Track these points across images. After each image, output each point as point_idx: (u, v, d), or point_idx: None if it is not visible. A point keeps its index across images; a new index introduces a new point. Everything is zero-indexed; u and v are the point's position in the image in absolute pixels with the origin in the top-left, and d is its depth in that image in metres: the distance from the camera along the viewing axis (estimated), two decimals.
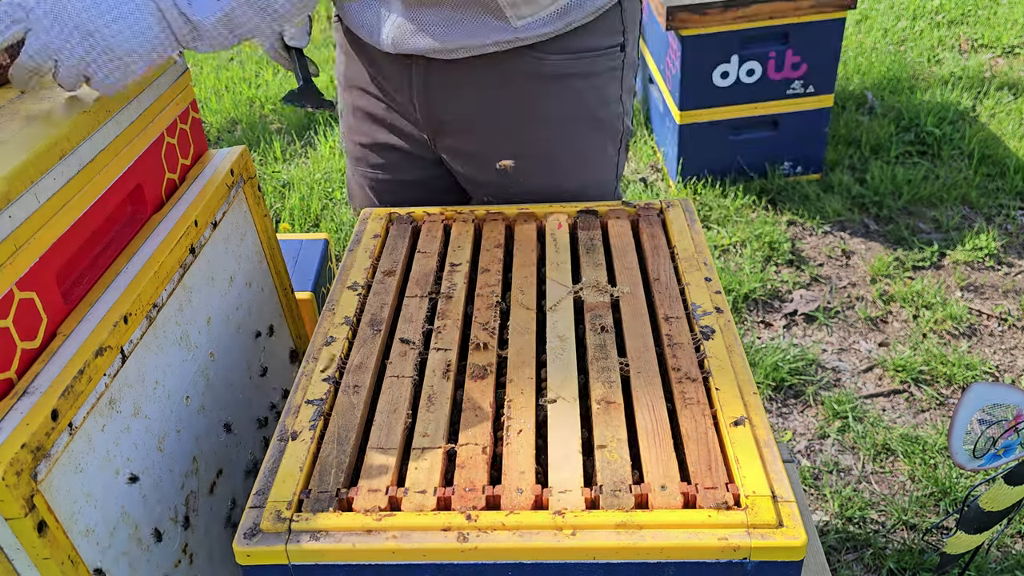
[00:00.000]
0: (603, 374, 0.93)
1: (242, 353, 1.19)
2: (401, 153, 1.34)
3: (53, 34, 0.89)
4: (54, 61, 0.91)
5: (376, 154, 1.36)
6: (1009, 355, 2.32)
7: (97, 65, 0.91)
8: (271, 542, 0.76)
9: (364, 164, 1.38)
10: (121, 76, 0.93)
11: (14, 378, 0.80)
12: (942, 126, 3.26)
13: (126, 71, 0.92)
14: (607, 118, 1.26)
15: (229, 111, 3.75)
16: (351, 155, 1.41)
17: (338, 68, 1.38)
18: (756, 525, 0.75)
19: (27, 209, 0.82)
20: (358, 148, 1.38)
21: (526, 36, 1.14)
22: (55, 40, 0.89)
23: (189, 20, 0.93)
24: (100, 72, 0.91)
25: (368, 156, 1.37)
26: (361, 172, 1.40)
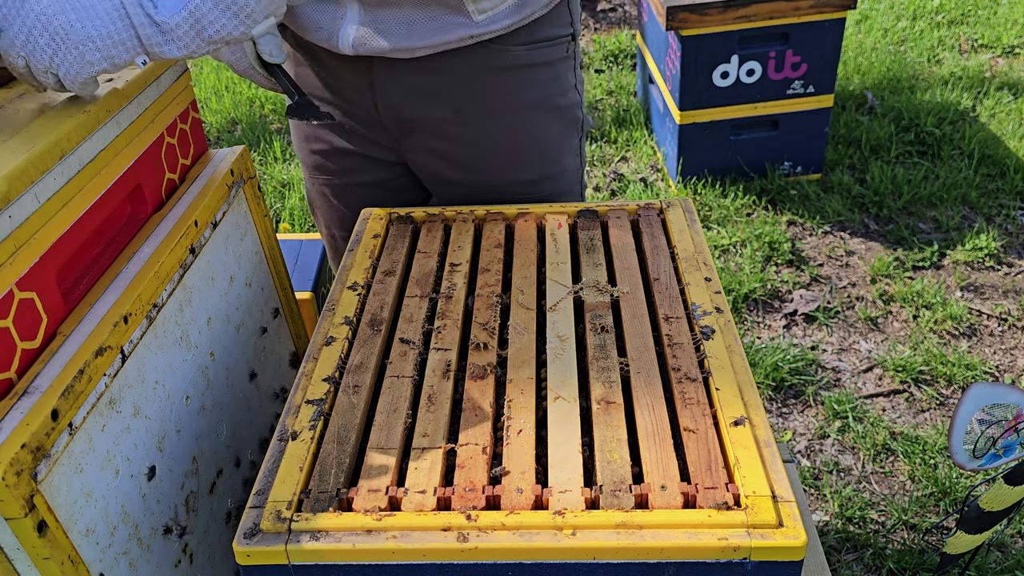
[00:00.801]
0: (603, 374, 0.93)
1: (242, 353, 1.19)
2: (361, 157, 1.33)
3: (16, 28, 0.88)
4: (23, 58, 0.90)
5: (334, 160, 1.35)
6: (1009, 355, 2.32)
7: (60, 58, 0.90)
8: (271, 542, 0.76)
9: (323, 172, 1.38)
10: (79, 68, 0.90)
11: (14, 378, 0.80)
12: (942, 126, 3.26)
13: (83, 62, 0.90)
14: (567, 106, 1.29)
15: (229, 111, 3.75)
16: (308, 164, 1.40)
17: None
18: (756, 525, 0.75)
19: (27, 209, 0.82)
20: (315, 156, 1.37)
21: (488, 30, 1.14)
22: (19, 35, 0.88)
23: (154, 21, 0.92)
24: (63, 66, 0.90)
25: (326, 163, 1.36)
26: (321, 180, 1.39)
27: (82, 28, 0.89)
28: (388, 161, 1.34)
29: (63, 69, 0.90)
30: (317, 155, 1.37)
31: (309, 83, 1.28)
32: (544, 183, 1.31)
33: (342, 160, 1.35)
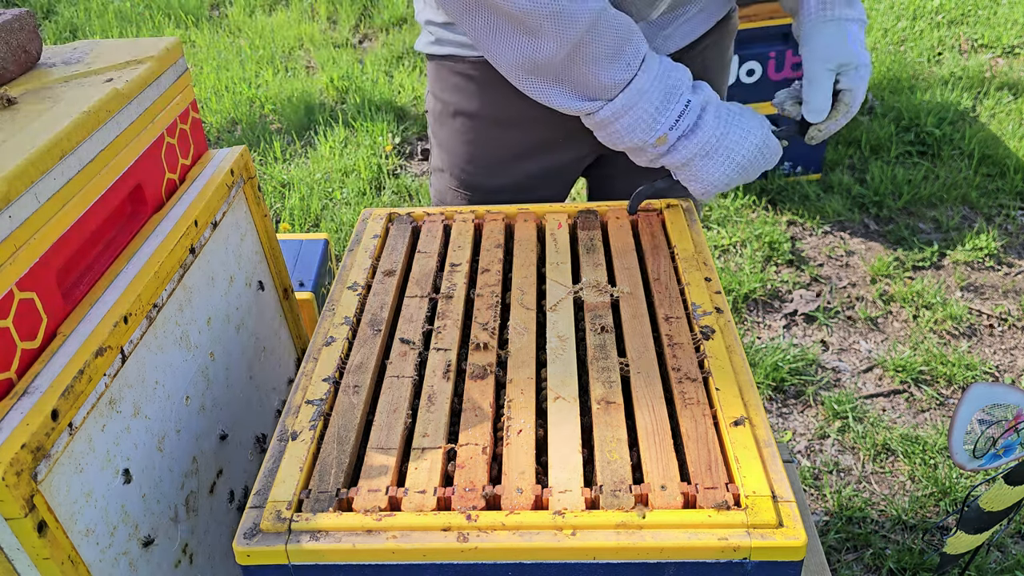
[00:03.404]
0: (603, 374, 0.93)
1: (242, 353, 1.19)
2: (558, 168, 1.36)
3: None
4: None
5: (543, 181, 1.35)
6: (1009, 355, 2.32)
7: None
8: (271, 542, 0.76)
9: (527, 194, 1.36)
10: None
11: (14, 378, 0.80)
12: (942, 126, 3.26)
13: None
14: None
15: (229, 111, 3.75)
16: (505, 189, 1.36)
17: (469, 110, 1.32)
18: (756, 525, 0.75)
19: (27, 209, 0.82)
20: (522, 180, 1.35)
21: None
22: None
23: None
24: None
25: (538, 185, 1.36)
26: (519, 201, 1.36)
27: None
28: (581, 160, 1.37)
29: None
30: (526, 178, 1.35)
31: (513, 112, 1.26)
32: None
33: (547, 180, 1.36)
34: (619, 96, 1.06)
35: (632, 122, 1.07)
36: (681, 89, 1.07)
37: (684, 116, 1.07)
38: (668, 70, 1.07)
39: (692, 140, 1.08)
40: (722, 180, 1.11)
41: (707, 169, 1.10)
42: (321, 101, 3.84)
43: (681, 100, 1.07)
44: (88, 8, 4.98)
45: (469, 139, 1.32)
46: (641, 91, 1.05)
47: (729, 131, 1.09)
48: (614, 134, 1.09)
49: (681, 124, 1.07)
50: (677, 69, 1.08)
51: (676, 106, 1.07)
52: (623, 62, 1.04)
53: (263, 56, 4.29)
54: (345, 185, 3.19)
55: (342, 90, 3.88)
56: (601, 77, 1.04)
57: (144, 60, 1.06)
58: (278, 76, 4.07)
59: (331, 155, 3.38)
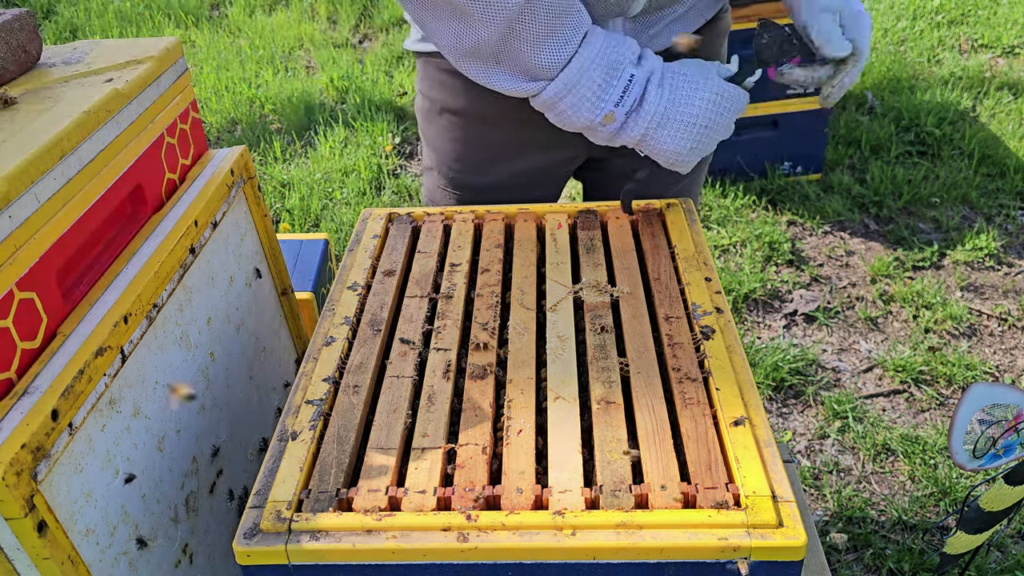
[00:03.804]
0: (603, 374, 0.93)
1: (242, 353, 1.19)
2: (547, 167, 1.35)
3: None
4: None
5: (532, 180, 1.35)
6: (1009, 355, 2.32)
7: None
8: (271, 542, 0.76)
9: (517, 192, 1.36)
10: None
11: (14, 378, 0.80)
12: (942, 126, 3.26)
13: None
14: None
15: (229, 111, 3.75)
16: (494, 187, 1.35)
17: (457, 108, 1.31)
18: (756, 525, 0.75)
19: (27, 209, 0.82)
20: (512, 178, 1.34)
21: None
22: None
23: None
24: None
25: (527, 185, 1.35)
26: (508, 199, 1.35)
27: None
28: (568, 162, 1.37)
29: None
30: (514, 176, 1.34)
31: (503, 111, 1.25)
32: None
33: (539, 179, 1.36)
34: (560, 75, 1.04)
35: (576, 101, 1.05)
36: (623, 64, 1.05)
37: (628, 92, 1.05)
38: (611, 46, 1.05)
39: (641, 115, 1.06)
40: (685, 145, 1.09)
41: (665, 139, 1.08)
42: (321, 101, 3.84)
43: (623, 76, 1.05)
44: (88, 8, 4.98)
45: (456, 136, 1.32)
46: (582, 69, 1.03)
47: (676, 96, 1.07)
48: (561, 114, 1.08)
49: (627, 100, 1.05)
50: (621, 44, 1.06)
51: (619, 83, 1.04)
52: (559, 41, 1.02)
53: (263, 56, 4.29)
54: (345, 185, 3.19)
55: (342, 90, 3.88)
56: (538, 57, 1.03)
57: (144, 60, 1.06)
58: (278, 76, 4.07)
59: (331, 155, 3.38)
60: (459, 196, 1.37)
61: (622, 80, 1.05)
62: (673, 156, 1.11)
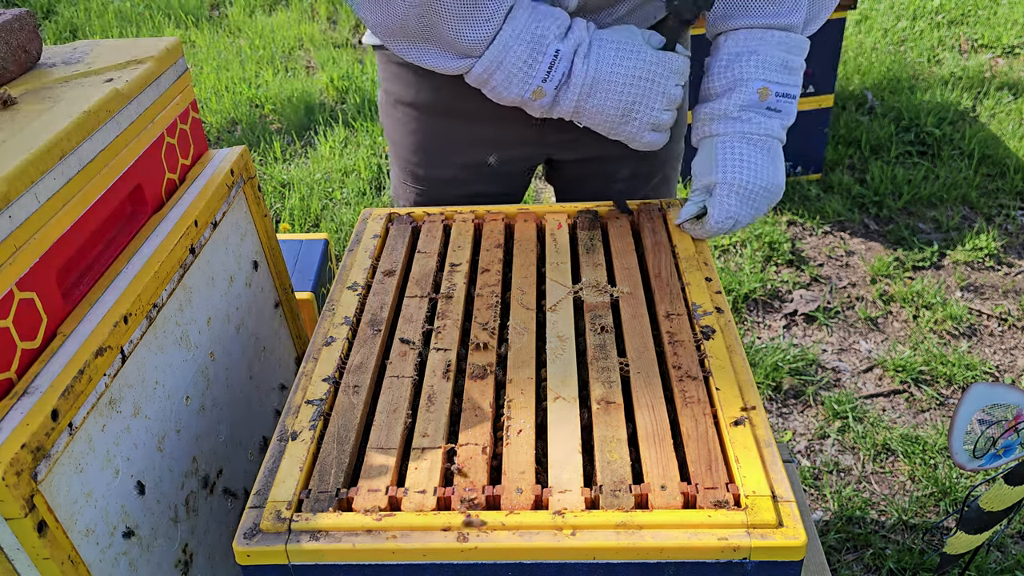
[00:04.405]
0: (603, 374, 0.93)
1: (242, 353, 1.19)
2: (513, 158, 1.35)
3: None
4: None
5: (489, 177, 1.35)
6: (1009, 355, 2.32)
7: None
8: (271, 542, 0.76)
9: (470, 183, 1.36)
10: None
11: (14, 378, 0.80)
12: (942, 126, 3.26)
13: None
14: None
15: (229, 111, 3.75)
16: (447, 179, 1.35)
17: (412, 101, 1.31)
18: (756, 525, 0.75)
19: (27, 209, 0.82)
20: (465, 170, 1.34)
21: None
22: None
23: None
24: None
25: (485, 180, 1.35)
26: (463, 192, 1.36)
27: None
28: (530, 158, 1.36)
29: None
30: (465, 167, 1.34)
31: (457, 104, 1.25)
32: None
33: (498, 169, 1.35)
34: (486, 52, 1.04)
35: (505, 77, 1.05)
36: (548, 39, 1.04)
37: (555, 67, 1.04)
38: (536, 20, 1.04)
39: (570, 88, 1.06)
40: (617, 110, 1.08)
41: (596, 106, 1.07)
42: (321, 101, 3.84)
43: (549, 51, 1.04)
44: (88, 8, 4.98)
45: (412, 129, 1.32)
46: (506, 46, 1.03)
47: (600, 65, 1.06)
48: (493, 91, 1.08)
49: (554, 75, 1.05)
50: (547, 17, 1.05)
51: (544, 58, 1.04)
52: (482, 17, 1.02)
53: (263, 56, 4.29)
54: (345, 185, 3.19)
55: (342, 90, 3.88)
56: (462, 34, 1.03)
57: (144, 60, 1.06)
58: (278, 76, 4.07)
59: (331, 155, 3.38)
60: (419, 190, 1.38)
61: (547, 56, 1.04)
62: (608, 122, 1.09)
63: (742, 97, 1.11)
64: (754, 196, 1.10)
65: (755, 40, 1.11)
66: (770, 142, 1.12)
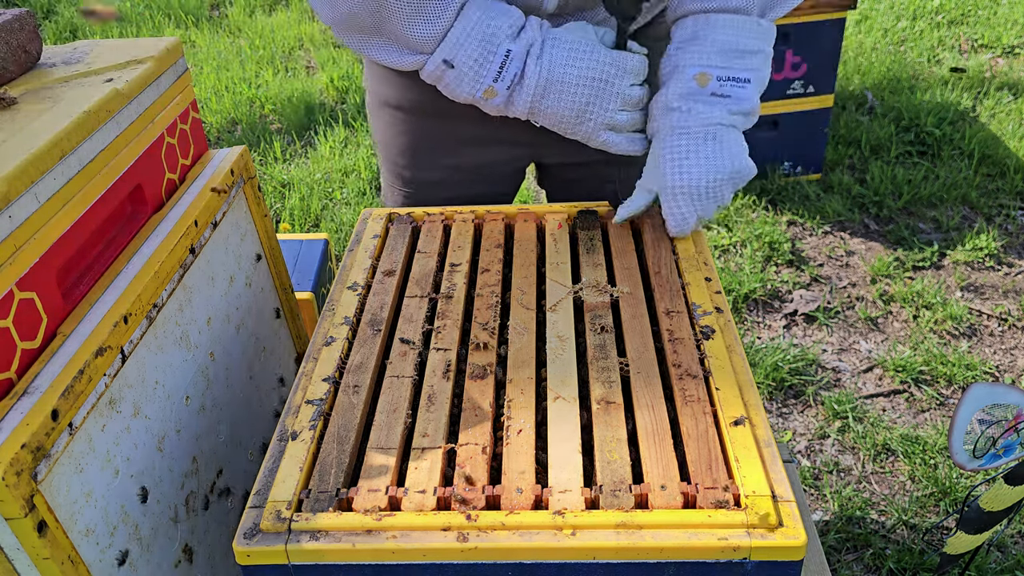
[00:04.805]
0: (603, 374, 0.93)
1: (242, 353, 1.19)
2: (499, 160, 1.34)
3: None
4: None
5: (477, 178, 1.34)
6: (1009, 355, 2.32)
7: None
8: (271, 542, 0.76)
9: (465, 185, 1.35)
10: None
11: (14, 378, 0.80)
12: (942, 126, 3.26)
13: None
14: None
15: (229, 111, 3.75)
16: (438, 182, 1.35)
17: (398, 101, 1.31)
18: (756, 525, 0.75)
19: (27, 209, 0.82)
20: (455, 172, 1.33)
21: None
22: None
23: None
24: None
25: (473, 182, 1.34)
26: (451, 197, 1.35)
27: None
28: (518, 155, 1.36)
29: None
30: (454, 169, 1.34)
31: (449, 105, 1.23)
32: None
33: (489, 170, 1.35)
34: (437, 50, 1.03)
35: (456, 76, 1.04)
36: (499, 38, 1.02)
37: (507, 67, 1.03)
38: (488, 18, 1.02)
39: (523, 89, 1.05)
40: (572, 110, 1.06)
41: (551, 106, 1.06)
42: (321, 101, 3.84)
43: (500, 51, 1.02)
44: None
45: (398, 131, 1.32)
46: (457, 43, 1.02)
47: (553, 65, 1.04)
48: (446, 88, 1.07)
49: (505, 75, 1.03)
50: (500, 15, 1.03)
51: (496, 57, 1.02)
52: (430, 14, 1.00)
53: (263, 56, 4.29)
54: (345, 185, 3.19)
55: (342, 90, 3.88)
56: (412, 30, 1.01)
57: (144, 60, 1.06)
58: (278, 76, 4.07)
59: (331, 155, 3.38)
60: (407, 192, 1.37)
61: (498, 55, 1.02)
62: (563, 123, 1.08)
63: (680, 86, 1.07)
64: (705, 192, 1.08)
65: (699, 25, 1.08)
66: (715, 130, 1.08)
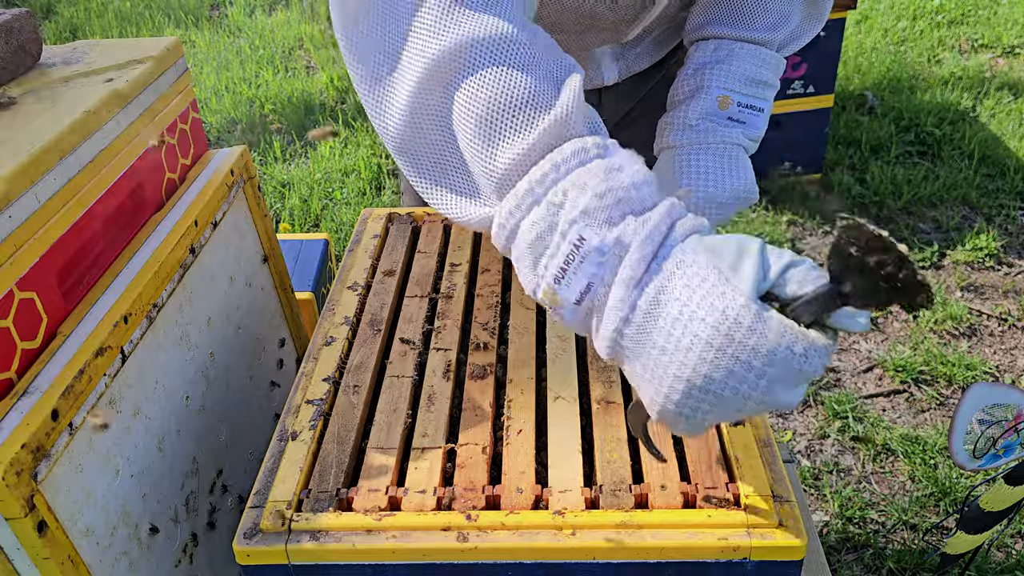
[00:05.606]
0: (603, 374, 0.93)
1: (242, 353, 1.19)
2: None
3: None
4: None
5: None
6: (1009, 355, 2.32)
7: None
8: (271, 542, 0.76)
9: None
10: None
11: (14, 378, 0.80)
12: (942, 126, 3.26)
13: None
14: None
15: (229, 111, 3.75)
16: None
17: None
18: (756, 525, 0.75)
19: (27, 209, 0.82)
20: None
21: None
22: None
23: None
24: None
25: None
26: None
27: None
28: None
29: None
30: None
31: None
32: None
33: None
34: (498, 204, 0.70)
35: (518, 254, 0.68)
36: (570, 213, 0.64)
37: (575, 265, 0.64)
38: (576, 163, 0.66)
39: (604, 323, 0.65)
40: (664, 397, 0.64)
41: (637, 376, 0.67)
42: (321, 101, 3.84)
43: (567, 234, 0.64)
44: (88, 8, 4.98)
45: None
46: (518, 200, 0.67)
47: (656, 312, 0.63)
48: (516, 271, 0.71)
49: (574, 280, 0.64)
50: (619, 167, 0.65)
51: (559, 243, 0.65)
52: (514, 132, 0.67)
53: (263, 56, 4.29)
54: (345, 185, 3.19)
55: (342, 90, 3.88)
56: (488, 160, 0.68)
57: (144, 60, 1.06)
58: (278, 76, 4.07)
59: (331, 155, 3.38)
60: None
61: (563, 241, 0.64)
62: (654, 406, 0.67)
63: (701, 105, 1.05)
64: (721, 208, 1.06)
65: (724, 51, 1.07)
66: (730, 148, 1.06)
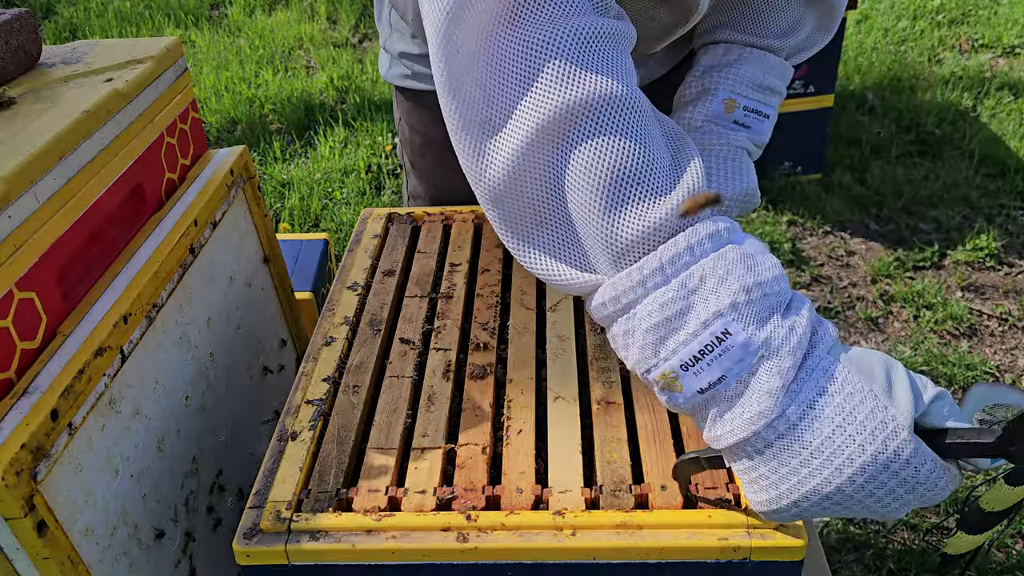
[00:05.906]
0: (603, 374, 0.93)
1: (242, 353, 1.19)
2: None
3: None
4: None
5: None
6: (1009, 355, 2.32)
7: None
8: (271, 542, 0.76)
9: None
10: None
11: (14, 378, 0.80)
12: (942, 126, 3.26)
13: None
14: None
15: (229, 111, 3.75)
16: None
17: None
18: (756, 525, 0.75)
19: (27, 209, 0.82)
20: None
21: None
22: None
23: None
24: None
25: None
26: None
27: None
28: None
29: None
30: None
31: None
32: None
33: None
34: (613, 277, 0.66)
35: (631, 329, 0.65)
36: (715, 303, 0.61)
37: (713, 356, 0.61)
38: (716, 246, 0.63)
39: (725, 422, 0.63)
40: (784, 500, 0.65)
41: (779, 475, 0.64)
42: (321, 101, 3.84)
43: (710, 325, 0.61)
44: (88, 8, 4.98)
45: (457, 166, 1.26)
46: (643, 275, 0.63)
47: (811, 415, 0.61)
48: (615, 342, 0.68)
49: (707, 370, 0.61)
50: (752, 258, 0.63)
51: (696, 331, 0.61)
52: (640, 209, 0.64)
53: (263, 56, 4.29)
54: (345, 185, 3.19)
55: (342, 90, 3.88)
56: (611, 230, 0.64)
57: (144, 60, 1.06)
58: (278, 76, 4.06)
59: (331, 155, 3.38)
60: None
61: (703, 330, 0.61)
62: (771, 505, 0.67)
63: (707, 107, 1.05)
64: (727, 209, 1.05)
65: (732, 55, 1.06)
66: (734, 151, 1.05)
